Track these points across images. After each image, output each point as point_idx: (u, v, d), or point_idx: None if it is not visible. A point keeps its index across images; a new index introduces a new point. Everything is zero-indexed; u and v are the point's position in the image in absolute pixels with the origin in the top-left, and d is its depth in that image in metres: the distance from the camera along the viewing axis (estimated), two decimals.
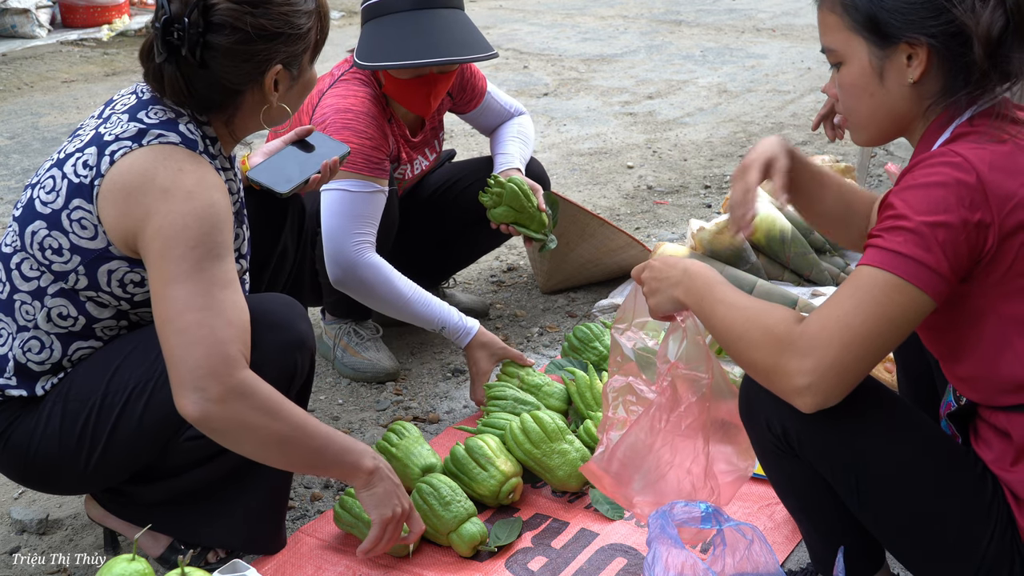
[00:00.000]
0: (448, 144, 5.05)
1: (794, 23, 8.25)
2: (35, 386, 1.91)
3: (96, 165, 1.82)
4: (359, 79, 2.75)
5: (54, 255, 1.84)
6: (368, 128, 2.69)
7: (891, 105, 1.65)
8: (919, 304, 1.54)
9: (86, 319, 1.89)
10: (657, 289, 1.85)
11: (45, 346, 1.90)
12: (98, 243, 1.83)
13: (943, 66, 1.59)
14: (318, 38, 1.97)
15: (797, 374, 1.56)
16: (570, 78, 6.64)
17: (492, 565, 2.13)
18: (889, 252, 1.54)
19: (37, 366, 1.91)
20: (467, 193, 3.08)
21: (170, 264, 1.75)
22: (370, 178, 2.67)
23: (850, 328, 1.54)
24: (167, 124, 1.85)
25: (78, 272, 1.84)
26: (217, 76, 1.85)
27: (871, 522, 1.71)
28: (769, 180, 1.91)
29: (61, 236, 1.83)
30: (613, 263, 3.47)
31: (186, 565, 1.72)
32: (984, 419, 1.68)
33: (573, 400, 2.60)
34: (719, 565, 1.84)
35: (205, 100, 1.89)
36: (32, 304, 1.88)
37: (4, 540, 2.26)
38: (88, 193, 1.82)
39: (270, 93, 1.91)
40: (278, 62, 1.88)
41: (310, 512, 2.35)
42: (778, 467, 1.79)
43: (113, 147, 1.82)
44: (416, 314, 2.70)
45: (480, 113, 3.11)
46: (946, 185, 1.53)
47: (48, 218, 1.84)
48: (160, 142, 1.82)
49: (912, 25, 1.58)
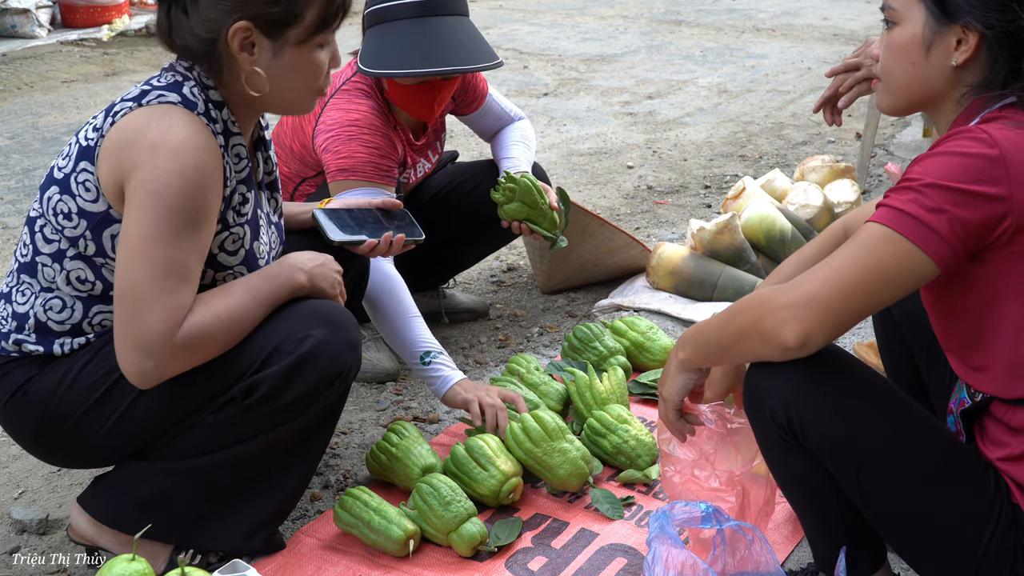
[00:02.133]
0: (449, 144, 5.05)
1: (794, 23, 8.25)
2: (52, 344, 1.95)
3: (101, 126, 1.87)
4: (361, 90, 2.75)
5: (65, 220, 1.89)
6: (375, 139, 2.69)
7: (928, 80, 1.66)
8: (916, 261, 1.55)
9: (103, 285, 1.92)
10: (664, 380, 1.88)
11: (67, 306, 1.93)
12: (99, 205, 1.87)
13: (988, 60, 1.61)
14: (322, 17, 1.90)
15: (782, 308, 1.59)
16: (570, 78, 6.64)
17: (492, 565, 2.13)
18: (891, 209, 1.57)
19: (57, 325, 1.94)
20: (469, 196, 3.08)
21: (150, 219, 1.79)
22: (380, 185, 2.69)
23: (837, 270, 1.58)
24: (171, 86, 1.88)
25: (86, 238, 1.88)
26: (192, 22, 1.87)
27: (872, 514, 1.72)
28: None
29: (70, 200, 1.88)
30: (613, 263, 3.48)
31: (186, 565, 1.72)
32: (994, 416, 1.68)
33: (573, 400, 2.60)
34: (719, 565, 1.84)
35: (185, 50, 1.90)
36: (52, 266, 1.92)
37: (4, 540, 2.26)
38: (91, 154, 1.86)
39: (237, 52, 1.87)
40: (244, 17, 1.84)
41: (310, 512, 2.35)
42: (782, 459, 1.79)
43: (117, 107, 1.87)
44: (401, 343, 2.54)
45: (481, 116, 3.11)
46: (967, 155, 1.54)
47: (60, 183, 1.90)
48: (159, 101, 1.85)
49: (975, 11, 1.59)
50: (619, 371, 2.66)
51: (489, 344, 3.17)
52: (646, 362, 2.87)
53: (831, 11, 8.64)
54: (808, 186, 3.71)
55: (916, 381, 2.04)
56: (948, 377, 1.90)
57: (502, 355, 3.10)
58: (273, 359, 1.92)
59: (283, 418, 1.97)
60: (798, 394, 1.68)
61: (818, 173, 3.96)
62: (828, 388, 1.68)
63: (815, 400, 1.67)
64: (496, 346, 3.16)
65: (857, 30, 7.94)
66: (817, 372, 1.68)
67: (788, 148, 5.12)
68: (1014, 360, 1.61)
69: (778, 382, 1.70)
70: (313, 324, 1.95)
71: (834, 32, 7.87)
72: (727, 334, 1.71)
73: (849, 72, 2.43)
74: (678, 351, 1.83)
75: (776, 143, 5.21)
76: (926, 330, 1.87)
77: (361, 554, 2.16)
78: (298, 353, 1.93)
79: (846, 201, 3.74)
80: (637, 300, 3.34)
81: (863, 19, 8.26)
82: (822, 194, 3.68)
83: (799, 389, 1.68)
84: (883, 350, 2.13)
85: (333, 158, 2.67)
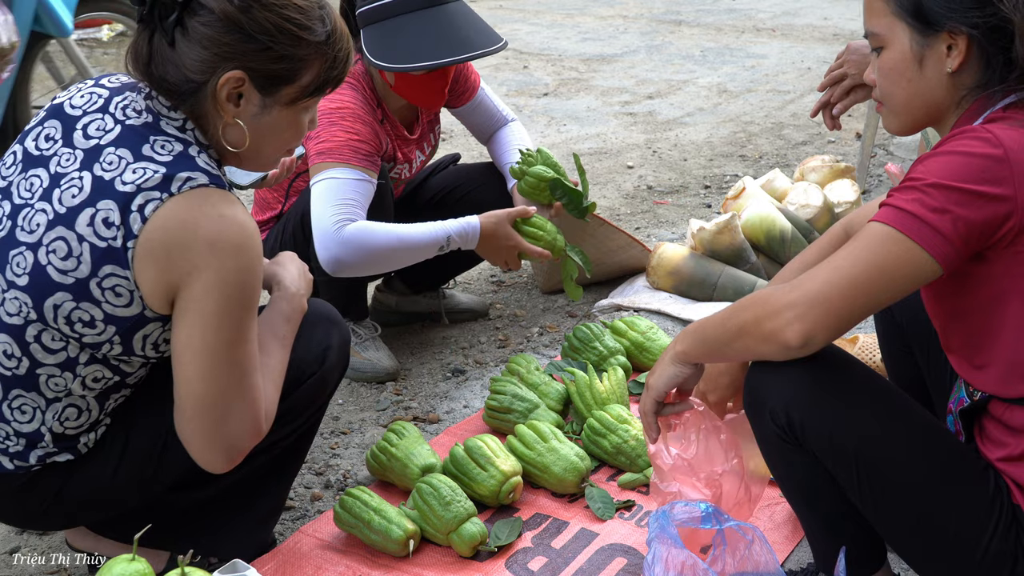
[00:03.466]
0: (449, 145, 5.05)
1: (794, 23, 8.25)
2: (77, 447, 1.84)
3: (123, 223, 1.65)
4: (348, 83, 2.75)
5: (85, 328, 1.70)
6: (355, 124, 2.69)
7: (927, 93, 1.66)
8: (918, 261, 1.55)
9: (120, 376, 1.80)
10: (654, 369, 1.88)
11: (82, 410, 1.80)
12: (133, 309, 1.69)
13: (982, 58, 1.60)
14: (318, 81, 1.77)
15: (784, 307, 1.60)
16: (570, 78, 6.64)
17: (492, 565, 2.13)
18: (893, 208, 1.57)
19: (75, 430, 1.82)
20: (470, 196, 3.09)
21: (230, 323, 1.69)
22: (357, 167, 2.66)
23: (839, 269, 1.58)
24: (185, 162, 1.68)
25: (112, 342, 1.72)
26: (179, 58, 1.69)
27: (872, 513, 1.72)
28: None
29: (92, 307, 1.68)
30: (613, 263, 3.47)
31: (186, 565, 1.72)
32: (994, 416, 1.68)
33: (573, 400, 2.60)
34: (719, 565, 1.84)
35: (162, 82, 1.72)
36: (63, 376, 1.75)
37: (4, 540, 2.26)
38: (122, 258, 1.66)
39: (223, 100, 1.71)
40: (241, 67, 1.69)
41: (310, 512, 2.35)
42: (782, 459, 1.79)
43: (139, 200, 1.65)
44: (421, 244, 2.67)
45: (473, 109, 3.11)
46: (971, 155, 1.54)
47: (72, 288, 1.67)
48: (191, 187, 1.66)
49: (955, 14, 1.59)
50: (619, 371, 2.66)
51: (489, 344, 3.17)
52: (646, 362, 2.87)
53: (831, 11, 8.64)
54: (808, 186, 3.71)
55: (917, 381, 2.04)
56: (948, 377, 1.90)
57: (502, 355, 3.10)
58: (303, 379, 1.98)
59: (298, 426, 2.03)
60: (798, 395, 1.68)
61: (818, 173, 3.96)
62: (828, 389, 1.68)
63: (815, 401, 1.67)
64: (496, 346, 3.16)
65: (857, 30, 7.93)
66: (818, 373, 1.68)
67: (788, 148, 5.12)
68: (1014, 359, 1.61)
69: (778, 383, 1.70)
70: (326, 335, 2.01)
71: (834, 32, 7.87)
72: (728, 330, 1.70)
73: (837, 84, 2.45)
74: (676, 344, 1.82)
75: (776, 143, 5.21)
76: (927, 330, 1.87)
77: (361, 554, 2.16)
78: (322, 370, 2.00)
79: (846, 201, 3.74)
80: (637, 300, 3.34)
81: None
82: (822, 194, 3.68)
83: (799, 390, 1.68)
84: (884, 350, 2.13)
85: (314, 143, 2.69)
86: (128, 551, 2.01)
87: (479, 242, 2.73)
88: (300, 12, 1.72)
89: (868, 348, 2.70)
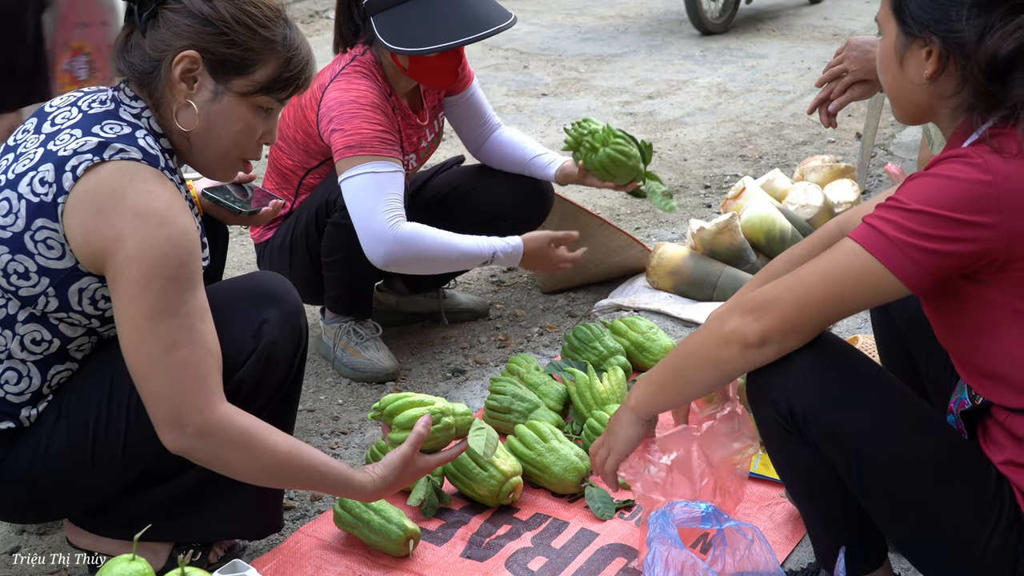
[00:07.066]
0: (449, 144, 5.06)
1: (794, 23, 8.24)
2: (19, 417, 1.88)
3: (56, 181, 1.74)
4: (359, 72, 2.78)
5: (20, 279, 1.78)
6: (375, 115, 2.72)
7: (909, 92, 1.66)
8: (880, 279, 1.57)
9: (60, 340, 1.85)
10: (613, 429, 1.92)
11: (23, 375, 1.85)
12: (66, 262, 1.77)
13: (958, 71, 1.58)
14: (271, 79, 1.86)
15: (738, 309, 1.67)
16: (570, 78, 6.64)
17: (492, 565, 2.13)
18: (867, 226, 1.59)
19: (16, 397, 1.86)
20: (472, 196, 3.10)
21: (152, 294, 1.72)
22: (388, 158, 2.70)
23: (797, 276, 1.64)
24: (125, 138, 1.78)
25: (47, 294, 1.79)
26: (145, 42, 1.82)
27: (872, 507, 1.72)
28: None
29: (26, 259, 1.77)
30: (613, 263, 3.48)
31: (186, 565, 1.72)
32: (997, 420, 1.68)
33: (573, 400, 2.60)
34: (719, 565, 1.84)
35: (131, 67, 1.84)
36: (3, 334, 1.82)
37: (4, 540, 2.26)
38: (52, 211, 1.75)
39: (176, 80, 1.80)
40: (195, 47, 1.79)
41: (310, 512, 2.35)
42: (784, 451, 1.79)
43: (73, 161, 1.75)
44: (469, 255, 2.78)
45: (468, 99, 3.12)
46: (958, 180, 1.53)
47: (9, 242, 1.77)
48: (122, 158, 1.75)
49: (926, 23, 1.58)
50: (619, 371, 2.67)
51: (489, 344, 3.17)
52: (646, 362, 2.87)
53: (831, 11, 8.63)
54: (808, 186, 3.71)
55: (914, 382, 2.04)
56: (948, 376, 1.90)
57: (502, 355, 3.10)
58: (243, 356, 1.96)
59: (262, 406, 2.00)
60: (801, 385, 1.68)
61: (818, 173, 3.96)
62: (831, 379, 1.68)
63: (818, 391, 1.68)
64: (496, 346, 3.16)
65: (857, 30, 7.93)
66: (820, 363, 1.68)
67: (788, 148, 5.12)
68: (1014, 376, 1.60)
69: (781, 372, 1.70)
70: (260, 310, 1.99)
71: (834, 32, 7.86)
72: (681, 353, 1.78)
73: (836, 80, 2.45)
74: (629, 399, 1.88)
75: (776, 143, 5.21)
76: (925, 330, 1.87)
77: (361, 554, 2.16)
78: (260, 345, 1.97)
79: (846, 201, 3.74)
80: (637, 300, 3.34)
81: (863, 19, 8.25)
82: (822, 194, 3.68)
83: (802, 380, 1.69)
84: (881, 350, 2.13)
85: (340, 136, 2.70)
86: (128, 550, 2.01)
87: (521, 261, 2.85)
88: (260, 11, 1.84)
89: (867, 349, 2.69)
